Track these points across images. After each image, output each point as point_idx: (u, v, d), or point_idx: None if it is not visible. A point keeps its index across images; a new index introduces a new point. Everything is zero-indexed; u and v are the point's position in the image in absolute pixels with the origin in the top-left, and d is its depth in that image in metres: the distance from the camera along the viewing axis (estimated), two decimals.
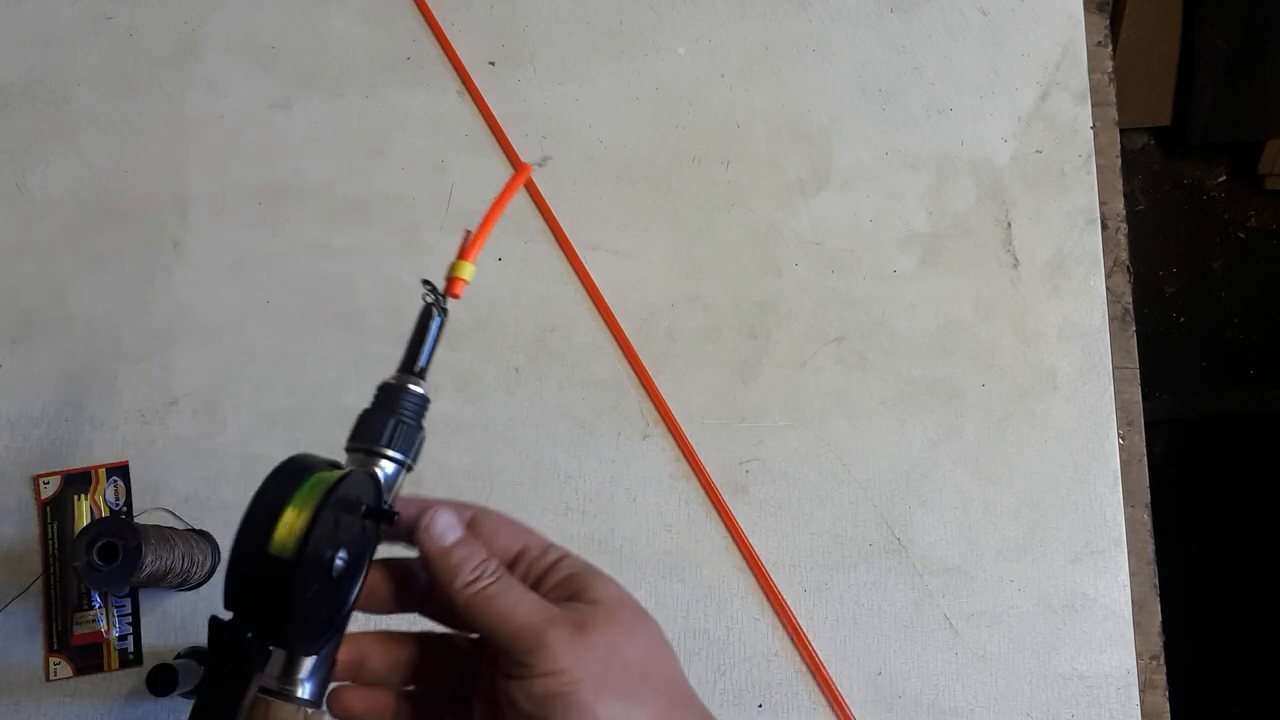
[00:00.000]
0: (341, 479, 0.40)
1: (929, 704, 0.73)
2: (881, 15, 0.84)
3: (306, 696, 0.41)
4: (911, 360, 0.78)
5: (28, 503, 0.75)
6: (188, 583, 0.71)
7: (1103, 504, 0.76)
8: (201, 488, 0.75)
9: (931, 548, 0.75)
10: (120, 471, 0.75)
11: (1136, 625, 0.74)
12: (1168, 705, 0.73)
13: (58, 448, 0.76)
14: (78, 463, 0.75)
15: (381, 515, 0.42)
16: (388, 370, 0.46)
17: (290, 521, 0.38)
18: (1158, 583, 0.75)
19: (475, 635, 0.46)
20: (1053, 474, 0.76)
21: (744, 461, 0.76)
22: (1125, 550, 0.75)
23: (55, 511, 0.74)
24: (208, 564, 0.72)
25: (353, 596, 0.43)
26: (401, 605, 0.46)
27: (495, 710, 0.43)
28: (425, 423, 0.45)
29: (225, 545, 0.74)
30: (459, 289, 0.45)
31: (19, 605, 0.73)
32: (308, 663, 0.41)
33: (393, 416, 0.43)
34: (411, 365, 0.45)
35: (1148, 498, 0.76)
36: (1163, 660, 0.74)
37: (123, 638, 0.73)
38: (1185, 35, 1.67)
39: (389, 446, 0.43)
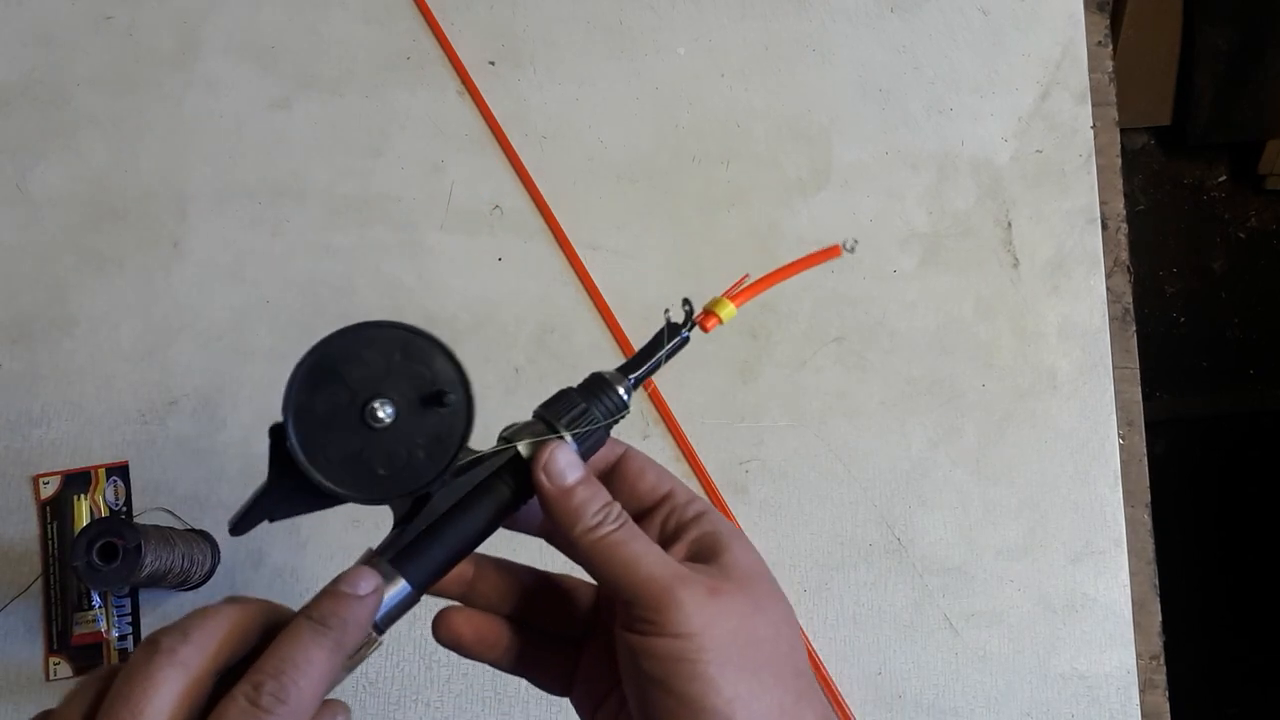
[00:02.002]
0: (418, 335, 0.38)
1: (929, 704, 0.73)
2: (882, 15, 0.84)
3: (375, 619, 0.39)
4: (911, 360, 0.78)
5: (27, 503, 0.75)
6: (187, 582, 0.71)
7: (1103, 504, 0.75)
8: (201, 487, 0.75)
9: (931, 548, 0.75)
10: (120, 471, 0.75)
11: (1136, 625, 0.74)
12: (1168, 705, 0.73)
13: (57, 447, 0.76)
14: (77, 463, 0.75)
15: (437, 398, 0.39)
16: None
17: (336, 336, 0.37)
18: (1158, 583, 0.75)
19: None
20: (1053, 474, 0.76)
21: (744, 461, 0.76)
22: (1125, 550, 0.75)
23: (55, 511, 0.74)
24: (207, 564, 0.72)
25: (431, 477, 0.39)
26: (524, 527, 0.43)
27: (608, 657, 0.41)
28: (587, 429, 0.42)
29: (225, 545, 0.74)
30: (710, 325, 0.44)
31: (19, 605, 0.73)
32: (391, 583, 0.39)
33: (587, 403, 0.41)
34: (631, 369, 0.43)
35: (1148, 497, 0.76)
36: (1163, 660, 0.74)
37: (122, 638, 0.73)
38: (1185, 35, 1.67)
39: (569, 429, 0.41)
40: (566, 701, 0.73)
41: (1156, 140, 1.86)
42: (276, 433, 0.39)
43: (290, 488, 0.39)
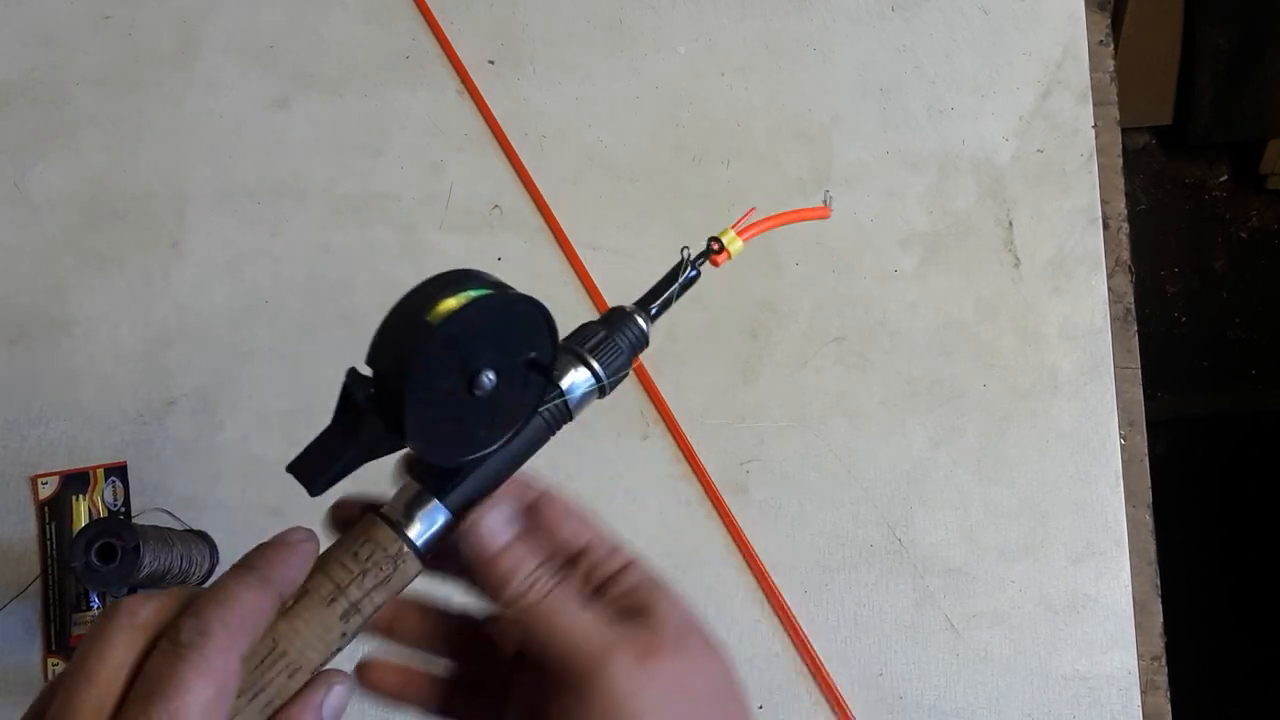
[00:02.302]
0: (523, 298, 0.37)
1: (930, 705, 0.72)
2: (882, 14, 0.83)
3: (413, 538, 0.38)
4: (912, 360, 0.78)
5: (26, 503, 0.75)
6: (186, 583, 0.71)
7: (1104, 504, 0.75)
8: (200, 488, 0.75)
9: (932, 548, 0.75)
10: (119, 472, 0.75)
11: (1138, 626, 0.74)
12: (1169, 706, 0.73)
13: (56, 448, 0.75)
14: (76, 463, 0.75)
15: (539, 367, 0.38)
16: None
17: (456, 303, 0.36)
18: (1159, 583, 0.75)
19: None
20: (1054, 474, 0.76)
21: (744, 462, 0.76)
22: (1127, 550, 0.75)
23: (53, 512, 0.74)
24: (206, 564, 0.72)
25: (492, 447, 0.39)
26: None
27: (536, 699, 0.40)
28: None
29: (224, 546, 0.74)
30: (720, 260, 0.45)
31: (17, 606, 0.73)
32: (429, 511, 0.38)
33: (609, 331, 0.41)
34: (648, 303, 0.43)
35: (1149, 498, 0.76)
36: (1164, 661, 0.74)
37: None
38: (1187, 35, 1.67)
39: (592, 354, 0.41)
40: None
41: (1158, 140, 1.86)
42: (375, 393, 0.37)
43: (364, 437, 0.37)
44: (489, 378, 0.37)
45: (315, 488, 0.37)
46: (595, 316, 0.43)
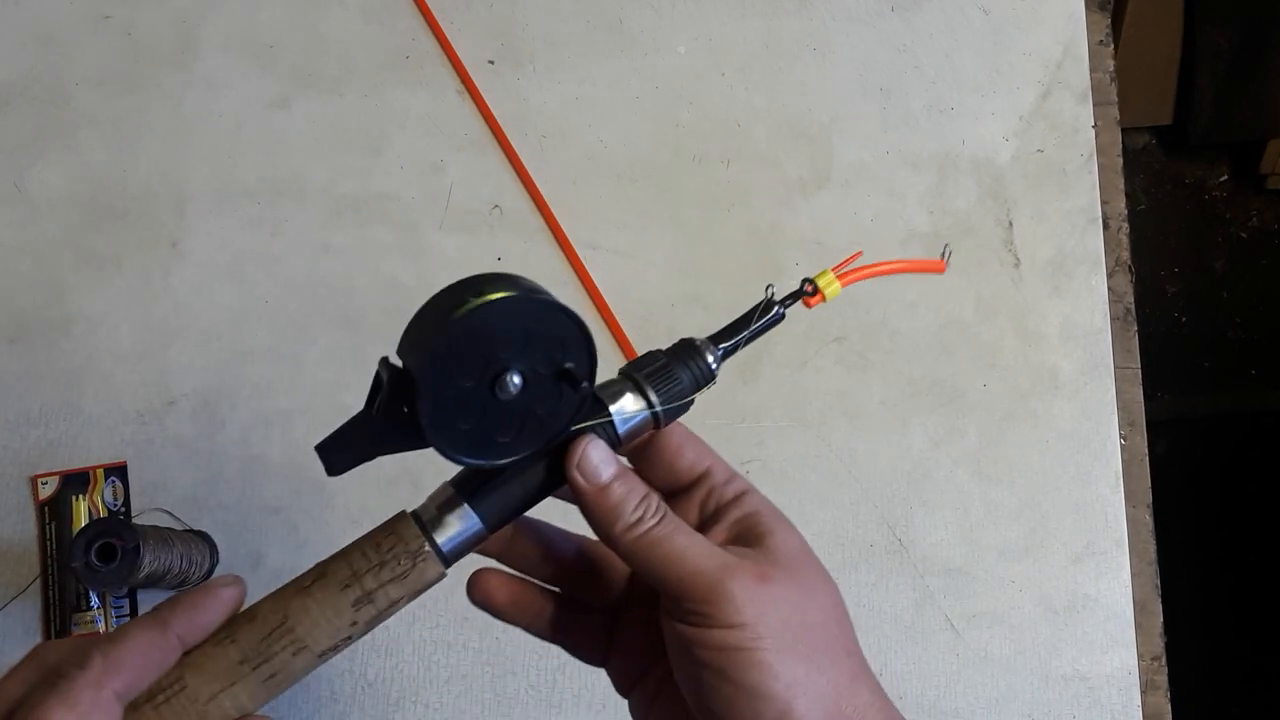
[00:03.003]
0: (555, 304, 0.37)
1: (930, 705, 0.72)
2: (882, 14, 0.83)
3: (439, 540, 0.38)
4: (912, 360, 0.78)
5: (26, 503, 0.75)
6: (186, 583, 0.71)
7: (1104, 504, 0.75)
8: (200, 488, 0.75)
9: (933, 548, 0.75)
10: (118, 472, 0.75)
11: (1138, 626, 0.74)
12: (1169, 706, 0.73)
13: (56, 448, 0.75)
14: (76, 463, 0.75)
15: (570, 378, 0.37)
16: None
17: (479, 300, 0.35)
18: (1159, 583, 0.75)
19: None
20: (1054, 474, 0.76)
21: (745, 462, 0.76)
22: (1127, 551, 0.75)
23: (53, 512, 0.74)
24: (206, 565, 0.72)
25: (516, 455, 0.38)
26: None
27: (645, 630, 0.40)
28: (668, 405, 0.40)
29: (224, 546, 0.74)
30: (813, 303, 0.43)
31: (17, 606, 0.73)
32: (460, 515, 0.38)
33: (670, 359, 0.40)
34: (722, 339, 0.42)
35: (1149, 498, 0.76)
36: (1164, 661, 0.74)
37: None
38: (1187, 34, 1.67)
39: (649, 381, 0.39)
40: (567, 702, 0.73)
41: (1158, 140, 1.86)
42: (396, 382, 0.36)
43: (389, 427, 0.37)
44: (514, 381, 0.36)
45: (333, 469, 0.37)
46: (595, 316, 0.43)
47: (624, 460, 0.41)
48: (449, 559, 0.38)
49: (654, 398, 0.40)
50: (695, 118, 0.82)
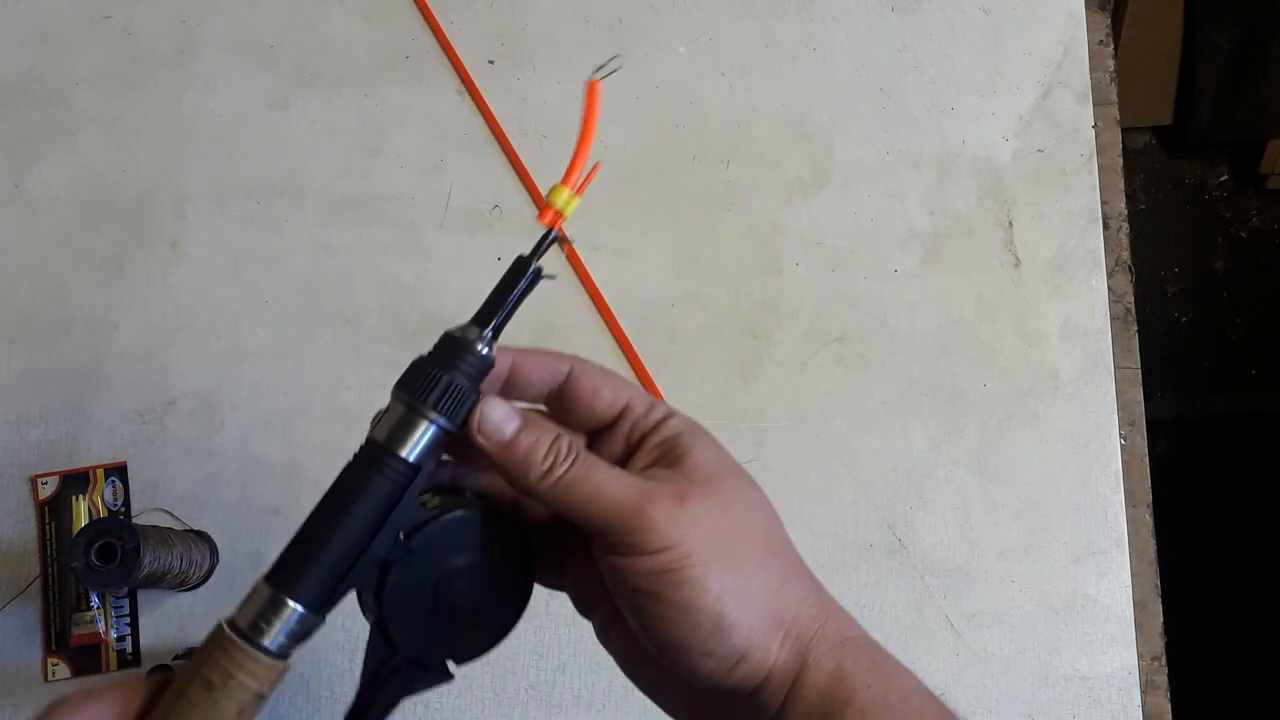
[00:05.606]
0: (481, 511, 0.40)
1: None
2: (882, 13, 0.83)
3: (271, 647, 0.36)
4: (913, 360, 0.78)
5: (26, 503, 0.75)
6: (186, 583, 0.71)
7: (1104, 504, 0.75)
8: (200, 488, 0.75)
9: (933, 548, 0.75)
10: (118, 472, 0.75)
11: (1138, 626, 0.74)
12: (1169, 706, 0.73)
13: (56, 448, 0.75)
14: (76, 463, 0.75)
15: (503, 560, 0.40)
16: (387, 370, 0.45)
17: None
18: (1159, 583, 0.75)
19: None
20: (1054, 474, 0.76)
21: (744, 462, 0.75)
22: (1127, 551, 0.75)
23: (53, 512, 0.74)
24: (206, 564, 0.72)
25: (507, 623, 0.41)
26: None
27: (591, 577, 0.41)
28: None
29: (224, 546, 0.74)
30: (552, 220, 0.42)
31: (17, 606, 0.73)
32: (280, 608, 0.36)
33: (448, 374, 0.38)
34: (484, 320, 0.40)
35: (1149, 498, 0.76)
36: (1164, 661, 0.74)
37: (121, 639, 0.73)
38: (1187, 34, 1.67)
39: (435, 409, 0.38)
40: (567, 702, 0.73)
41: (1158, 139, 1.86)
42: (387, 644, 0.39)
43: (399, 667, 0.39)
44: (462, 585, 0.40)
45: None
46: (595, 317, 0.43)
47: (529, 408, 0.41)
48: (286, 654, 0.37)
49: (445, 423, 0.38)
50: (695, 118, 0.82)
